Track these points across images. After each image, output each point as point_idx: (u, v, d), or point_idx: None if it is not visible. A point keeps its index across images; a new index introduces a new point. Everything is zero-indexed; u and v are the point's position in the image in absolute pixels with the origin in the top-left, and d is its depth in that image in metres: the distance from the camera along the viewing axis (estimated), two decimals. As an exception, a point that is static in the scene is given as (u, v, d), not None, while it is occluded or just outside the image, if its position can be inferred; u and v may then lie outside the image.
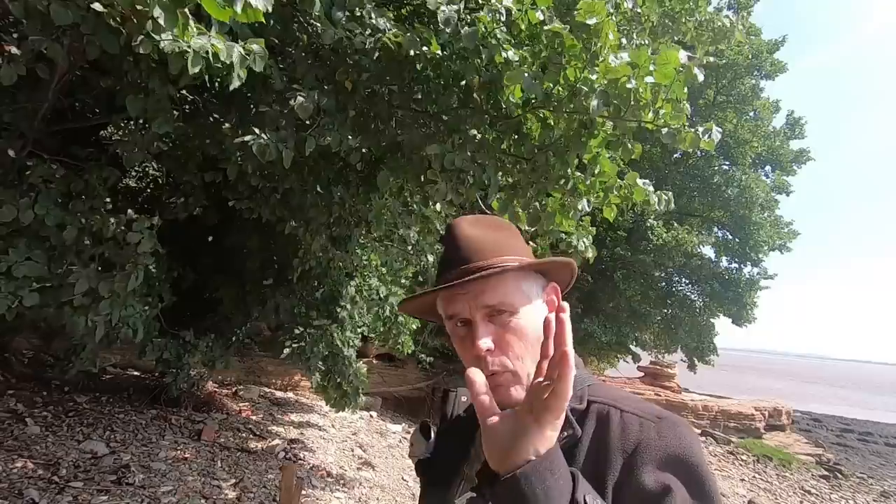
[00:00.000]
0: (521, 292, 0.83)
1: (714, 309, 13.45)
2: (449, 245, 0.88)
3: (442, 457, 0.97)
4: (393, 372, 10.82)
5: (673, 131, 2.46)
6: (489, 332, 0.79)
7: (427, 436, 1.01)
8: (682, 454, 0.68)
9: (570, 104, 2.52)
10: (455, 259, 0.84)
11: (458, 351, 0.86)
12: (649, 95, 2.38)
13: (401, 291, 5.68)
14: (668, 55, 2.26)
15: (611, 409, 0.77)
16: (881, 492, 11.32)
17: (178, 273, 5.23)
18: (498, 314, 0.80)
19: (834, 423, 22.10)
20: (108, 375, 6.65)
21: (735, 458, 12.20)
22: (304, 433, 6.84)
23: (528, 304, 0.82)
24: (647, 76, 2.32)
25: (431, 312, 0.94)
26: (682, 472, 0.66)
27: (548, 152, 2.77)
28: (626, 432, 0.72)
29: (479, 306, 0.80)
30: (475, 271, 0.80)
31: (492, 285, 0.80)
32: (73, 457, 4.25)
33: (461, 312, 0.81)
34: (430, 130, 2.94)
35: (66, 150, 3.64)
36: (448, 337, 0.92)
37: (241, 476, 4.87)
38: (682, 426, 0.72)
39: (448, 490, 0.88)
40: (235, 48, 2.00)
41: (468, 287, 0.80)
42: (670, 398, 15.06)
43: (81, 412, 5.21)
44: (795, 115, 13.95)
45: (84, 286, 2.96)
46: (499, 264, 0.81)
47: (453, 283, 0.80)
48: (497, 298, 0.80)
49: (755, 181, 12.40)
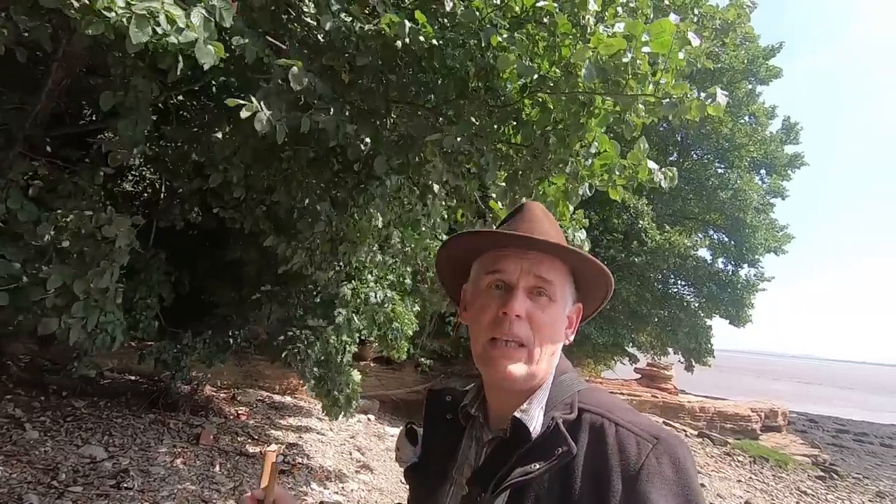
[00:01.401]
0: (564, 289, 0.84)
1: (711, 310, 13.52)
2: (519, 215, 0.88)
3: (429, 461, 0.94)
4: (391, 375, 10.81)
5: (674, 101, 2.37)
6: (526, 304, 0.79)
7: (413, 440, 0.99)
8: (679, 482, 0.69)
9: (566, 84, 2.48)
10: (522, 227, 0.84)
11: (473, 313, 0.84)
12: (647, 67, 2.33)
13: (398, 296, 5.67)
14: (661, 24, 2.21)
15: (605, 421, 0.75)
16: (877, 492, 11.38)
17: (176, 277, 5.25)
18: (539, 294, 0.80)
19: (830, 423, 22.18)
20: (105, 380, 6.64)
21: (732, 459, 12.24)
22: (302, 437, 6.85)
23: (563, 302, 0.84)
24: (644, 47, 2.26)
25: (459, 264, 0.91)
26: (679, 499, 0.67)
27: (548, 136, 2.73)
28: (625, 453, 0.71)
29: (531, 275, 0.80)
30: (537, 238, 0.80)
31: (549, 262, 0.81)
32: (73, 461, 4.25)
33: (509, 273, 0.80)
34: (429, 122, 2.91)
35: (58, 153, 3.65)
36: (446, 339, 0.91)
37: (239, 480, 4.87)
38: (678, 447, 0.72)
39: (437, 495, 0.87)
40: (196, 9, 1.86)
41: (529, 253, 0.80)
42: (667, 400, 15.09)
43: (80, 417, 5.21)
44: (792, 121, 14.08)
45: (58, 282, 2.88)
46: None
47: (525, 235, 0.80)
48: (551, 276, 0.81)
49: (748, 183, 12.49)
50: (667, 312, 13.61)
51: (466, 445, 0.89)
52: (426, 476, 0.93)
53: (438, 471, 0.89)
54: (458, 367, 11.05)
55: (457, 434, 0.91)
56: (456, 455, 0.89)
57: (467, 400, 0.92)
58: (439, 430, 0.95)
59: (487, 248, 0.86)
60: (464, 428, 0.92)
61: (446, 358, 11.30)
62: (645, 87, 2.39)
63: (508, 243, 0.82)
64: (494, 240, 0.84)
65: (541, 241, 0.79)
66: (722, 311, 13.28)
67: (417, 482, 0.96)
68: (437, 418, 0.96)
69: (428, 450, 0.96)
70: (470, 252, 0.89)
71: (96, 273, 3.03)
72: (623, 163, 2.81)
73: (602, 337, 12.58)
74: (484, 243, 0.86)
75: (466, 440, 0.90)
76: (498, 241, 0.83)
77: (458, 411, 0.92)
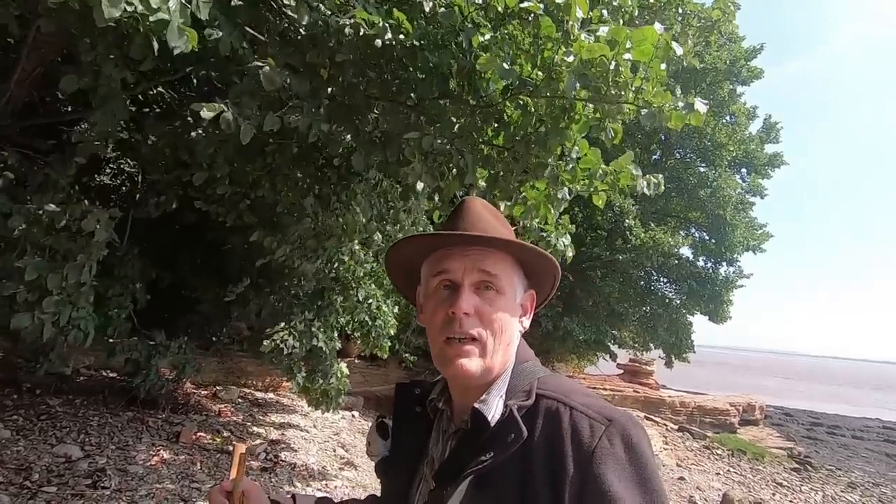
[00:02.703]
0: (512, 280, 0.85)
1: (691, 307, 13.75)
2: (458, 213, 0.88)
3: (399, 454, 0.95)
4: (375, 371, 10.79)
5: (654, 111, 2.37)
6: (473, 300, 0.80)
7: (384, 434, 0.99)
8: (632, 462, 0.69)
9: (547, 88, 2.46)
10: (461, 226, 0.85)
11: (427, 315, 0.85)
12: (629, 74, 2.32)
13: (380, 293, 5.65)
14: (644, 31, 2.20)
15: (560, 405, 0.76)
16: (848, 483, 11.74)
17: (157, 273, 5.15)
18: (486, 289, 0.81)
19: (805, 417, 22.81)
20: (82, 377, 6.50)
21: (710, 452, 12.50)
22: (285, 434, 6.80)
23: (511, 293, 0.84)
24: (626, 53, 2.25)
25: (410, 268, 0.92)
26: (634, 478, 0.68)
27: (529, 139, 2.72)
28: (578, 436, 0.71)
29: (475, 270, 0.81)
30: (478, 234, 0.82)
31: (493, 257, 0.82)
32: (46, 461, 4.16)
33: (454, 272, 0.81)
34: (409, 120, 2.88)
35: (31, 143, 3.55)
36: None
37: (221, 478, 4.81)
38: (631, 428, 0.72)
39: (408, 489, 0.87)
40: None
41: (471, 249, 0.81)
42: (648, 395, 15.34)
43: (54, 415, 5.09)
44: (772, 120, 14.33)
45: (33, 275, 2.81)
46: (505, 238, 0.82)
47: (462, 233, 0.81)
48: (496, 270, 0.81)
49: (726, 181, 12.69)
50: (649, 309, 13.81)
51: (434, 439, 0.90)
52: (396, 469, 0.93)
53: (408, 465, 0.90)
54: (443, 363, 11.05)
55: (425, 428, 0.92)
56: (426, 449, 0.90)
57: (435, 394, 0.93)
58: (408, 424, 0.95)
59: (432, 249, 0.86)
60: (432, 421, 0.93)
61: (430, 354, 11.27)
62: (626, 94, 2.38)
63: (448, 242, 0.83)
64: (434, 241, 0.85)
65: (476, 237, 0.81)
66: (702, 307, 13.53)
67: (388, 476, 0.96)
68: (407, 412, 0.96)
69: (398, 444, 0.96)
70: (419, 254, 0.90)
71: (73, 268, 2.96)
72: (605, 169, 2.81)
73: (584, 333, 12.72)
74: (426, 245, 0.87)
75: (434, 433, 0.91)
76: (437, 241, 0.85)
77: (427, 405, 0.93)
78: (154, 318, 5.36)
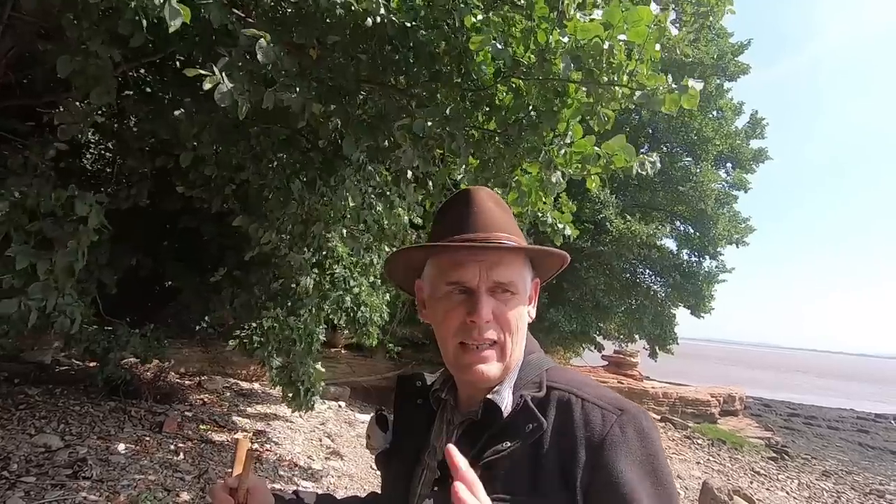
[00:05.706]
0: (524, 279, 0.85)
1: (675, 299, 13.94)
2: (464, 209, 0.86)
3: (401, 446, 0.95)
4: (362, 362, 10.76)
5: (648, 93, 2.31)
6: (490, 304, 0.79)
7: (384, 426, 0.99)
8: (643, 450, 0.70)
9: (540, 70, 2.41)
10: (471, 224, 0.83)
11: (441, 319, 0.83)
12: (623, 56, 2.27)
13: (365, 282, 5.55)
14: (640, 12, 2.15)
15: (571, 396, 0.76)
16: (823, 471, 12.07)
17: (138, 260, 5.02)
18: (502, 292, 0.81)
19: (782, 407, 23.34)
20: (63, 367, 6.37)
21: (691, 442, 12.75)
22: (270, 424, 6.75)
23: (524, 290, 0.84)
24: (621, 34, 2.20)
25: (412, 273, 0.91)
26: (645, 467, 0.69)
27: (521, 123, 2.67)
28: (590, 424, 0.72)
29: (491, 279, 0.79)
30: (492, 242, 0.80)
31: (507, 261, 0.81)
32: (25, 451, 4.07)
33: (469, 280, 0.80)
34: (400, 103, 2.81)
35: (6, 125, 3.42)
36: (418, 326, 0.91)
37: (205, 468, 4.77)
38: (642, 418, 0.74)
39: (410, 481, 0.87)
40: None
41: (485, 255, 0.80)
42: (633, 386, 15.56)
43: (33, 405, 4.98)
44: (758, 116, 14.50)
45: (24, 263, 2.73)
46: (514, 242, 0.82)
47: (476, 244, 0.79)
48: (510, 276, 0.81)
49: (708, 174, 12.83)
50: (634, 301, 13.96)
51: (437, 429, 0.90)
52: (398, 461, 0.93)
53: (410, 455, 0.90)
54: (430, 353, 11.06)
55: (428, 418, 0.92)
56: (427, 439, 0.90)
57: (437, 384, 0.93)
58: (410, 416, 0.96)
59: (428, 255, 0.86)
60: (434, 412, 0.93)
61: (417, 345, 11.31)
62: (620, 76, 2.34)
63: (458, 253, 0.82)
64: (448, 249, 0.84)
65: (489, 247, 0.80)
66: (685, 300, 13.72)
67: (389, 468, 0.96)
68: (408, 404, 0.97)
69: (399, 435, 0.97)
70: (415, 262, 0.89)
71: (64, 254, 2.88)
72: (598, 152, 2.77)
73: (570, 325, 12.83)
74: (422, 254, 0.87)
75: (437, 424, 0.91)
76: (442, 250, 0.84)
77: (430, 396, 0.93)
78: (132, 306, 5.20)
